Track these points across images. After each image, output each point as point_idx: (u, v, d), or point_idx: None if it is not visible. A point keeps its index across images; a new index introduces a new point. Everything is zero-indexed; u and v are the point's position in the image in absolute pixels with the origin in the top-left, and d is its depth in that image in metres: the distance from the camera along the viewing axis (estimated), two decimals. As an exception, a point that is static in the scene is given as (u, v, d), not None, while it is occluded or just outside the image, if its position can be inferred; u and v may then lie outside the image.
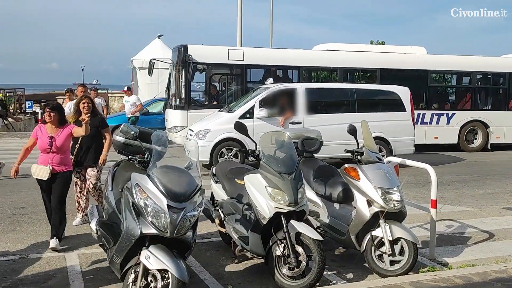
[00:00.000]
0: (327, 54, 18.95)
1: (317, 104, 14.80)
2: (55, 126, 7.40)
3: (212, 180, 7.37)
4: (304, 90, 14.22)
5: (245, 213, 6.39)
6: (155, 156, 5.36)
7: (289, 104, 14.14)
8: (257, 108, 13.74)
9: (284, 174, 5.86)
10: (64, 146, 7.39)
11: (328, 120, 13.97)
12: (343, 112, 14.64)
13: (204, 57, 16.90)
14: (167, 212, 4.85)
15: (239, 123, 7.01)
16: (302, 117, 14.06)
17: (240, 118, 13.60)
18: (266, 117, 13.65)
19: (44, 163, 7.28)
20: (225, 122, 13.81)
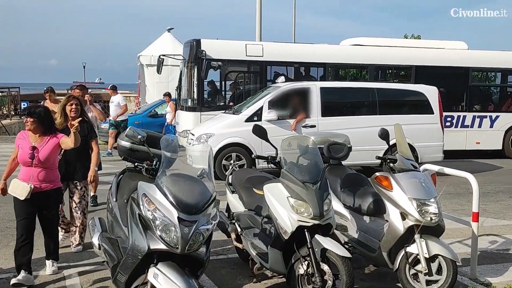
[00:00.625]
0: (356, 50, 18.91)
1: (334, 105, 14.79)
2: (39, 135, 6.77)
3: (227, 190, 7.37)
4: (319, 89, 14.18)
5: (264, 227, 6.38)
6: (164, 163, 5.36)
7: (302, 105, 14.11)
8: (266, 109, 13.74)
9: (308, 184, 5.84)
10: (49, 160, 6.72)
11: (346, 123, 13.85)
12: (363, 114, 14.61)
13: (219, 53, 16.95)
14: (178, 225, 4.84)
15: (258, 127, 7.01)
16: (316, 119, 14.02)
17: (247, 120, 13.61)
18: (276, 120, 13.61)
19: (25, 179, 6.63)
20: (229, 125, 13.83)
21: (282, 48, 18.33)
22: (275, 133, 12.93)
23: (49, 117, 6.91)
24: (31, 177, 6.61)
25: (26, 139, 6.76)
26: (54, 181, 6.84)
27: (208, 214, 5.09)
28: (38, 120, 6.69)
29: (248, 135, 13.32)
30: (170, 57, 19.66)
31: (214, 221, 5.15)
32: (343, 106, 15.09)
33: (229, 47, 17.53)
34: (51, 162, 6.76)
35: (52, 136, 6.81)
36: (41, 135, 6.76)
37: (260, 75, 17.77)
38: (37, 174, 6.64)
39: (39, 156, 6.62)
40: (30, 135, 6.78)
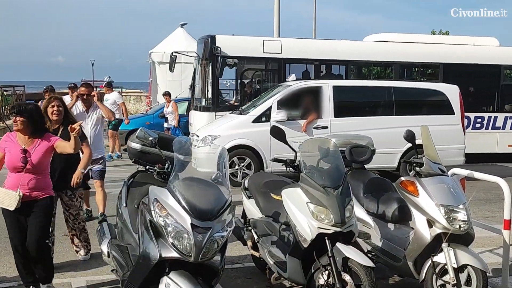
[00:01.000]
0: (380, 46, 18.85)
1: (347, 105, 14.76)
2: (28, 136, 6.39)
3: (243, 195, 7.39)
4: (332, 88, 14.14)
5: (282, 234, 6.39)
6: (177, 166, 5.37)
7: (313, 105, 14.08)
8: (275, 109, 13.70)
9: (329, 189, 5.84)
10: (42, 164, 6.37)
11: (360, 124, 13.74)
12: (378, 114, 14.58)
13: (234, 50, 16.96)
14: (191, 232, 4.85)
15: (276, 128, 7.02)
16: (328, 120, 13.98)
17: (255, 121, 13.62)
18: (285, 121, 13.50)
19: (13, 186, 6.26)
20: (236, 126, 13.83)
21: (301, 44, 18.30)
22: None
23: (41, 116, 6.59)
24: (20, 184, 6.25)
25: (15, 142, 6.37)
26: (46, 188, 6.47)
27: (223, 221, 5.10)
28: (29, 120, 6.32)
29: (255, 136, 13.33)
30: (183, 54, 19.70)
31: (229, 227, 5.16)
32: (357, 106, 15.05)
33: (245, 43, 17.54)
34: (43, 167, 6.42)
35: (44, 138, 6.46)
36: (31, 136, 6.39)
37: (278, 73, 17.75)
38: (28, 181, 6.28)
39: (32, 160, 6.27)
40: (19, 137, 6.40)
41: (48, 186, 6.50)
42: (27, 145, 6.32)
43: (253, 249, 7.04)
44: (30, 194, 6.29)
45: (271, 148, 13.20)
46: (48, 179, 6.52)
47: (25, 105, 6.42)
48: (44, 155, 6.37)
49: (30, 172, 6.28)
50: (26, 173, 6.27)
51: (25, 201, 6.25)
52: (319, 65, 18.44)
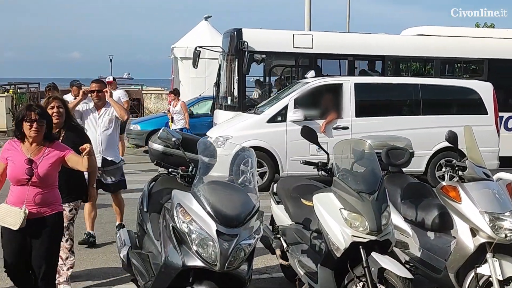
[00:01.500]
0: (419, 41, 18.73)
1: (370, 104, 14.75)
2: (36, 144, 5.89)
3: (272, 201, 7.40)
4: (353, 85, 14.05)
5: (313, 243, 6.39)
6: (201, 169, 5.41)
7: (333, 103, 14.04)
8: (291, 108, 13.65)
9: (364, 194, 5.83)
10: (50, 177, 5.88)
11: (384, 125, 13.61)
12: (404, 114, 14.49)
13: (263, 44, 16.96)
14: (217, 239, 4.90)
15: (307, 129, 7.02)
16: (349, 120, 13.90)
17: (270, 121, 13.57)
18: (302, 121, 13.41)
19: (17, 202, 5.74)
20: (249, 127, 13.83)
21: (334, 38, 18.27)
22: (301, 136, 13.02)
23: (48, 120, 6.05)
24: (25, 200, 5.71)
25: (19, 150, 5.87)
26: (54, 203, 5.96)
27: (250, 228, 5.13)
28: (47, 125, 5.93)
29: (270, 137, 13.28)
30: (207, 49, 19.74)
31: (257, 235, 5.19)
32: (381, 105, 14.99)
33: (274, 37, 17.54)
34: (52, 179, 5.92)
35: (53, 146, 5.97)
36: (40, 144, 5.90)
37: (309, 69, 17.70)
38: (34, 195, 5.76)
39: (38, 172, 5.75)
40: (23, 145, 5.90)
41: (57, 200, 5.99)
42: (33, 155, 5.81)
43: (282, 258, 7.05)
44: (36, 211, 5.76)
45: (287, 150, 13.19)
46: (56, 193, 6.01)
47: (40, 108, 5.96)
48: (53, 166, 5.87)
49: (36, 185, 5.76)
50: (32, 186, 5.74)
51: (30, 218, 5.69)
52: (353, 60, 18.38)
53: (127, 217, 10.12)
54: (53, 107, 7.08)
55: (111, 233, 9.28)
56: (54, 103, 7.14)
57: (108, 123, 9.23)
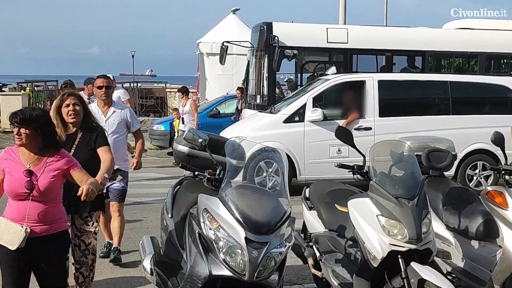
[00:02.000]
0: (463, 34, 18.65)
1: (395, 102, 14.66)
2: (35, 153, 5.49)
3: (304, 206, 7.41)
4: (377, 83, 13.94)
5: (348, 252, 6.38)
6: (229, 172, 5.43)
7: (354, 102, 13.98)
8: (310, 107, 13.54)
9: (403, 199, 5.82)
10: (52, 191, 5.46)
11: (410, 125, 13.52)
12: (431, 114, 14.36)
13: (294, 39, 16.97)
14: (245, 247, 4.90)
15: (343, 129, 7.02)
16: (372, 120, 13.78)
17: (286, 121, 13.48)
18: (321, 121, 13.40)
19: (17, 219, 5.35)
20: (264, 127, 13.77)
21: (371, 32, 18.23)
22: (320, 137, 12.85)
23: (51, 126, 5.68)
24: (26, 216, 5.32)
25: (17, 160, 5.48)
26: (58, 221, 5.56)
27: (281, 235, 5.13)
28: (37, 131, 5.40)
29: (287, 138, 13.20)
30: (235, 44, 19.80)
31: (288, 243, 5.19)
32: (407, 104, 14.85)
33: (306, 32, 17.54)
34: (54, 193, 5.51)
35: (56, 156, 5.54)
36: (38, 153, 5.48)
37: (344, 65, 17.68)
38: (34, 212, 5.35)
39: (39, 185, 5.35)
40: (22, 154, 5.50)
41: (60, 217, 5.59)
42: (32, 165, 5.42)
43: (314, 268, 7.05)
44: (38, 229, 5.37)
45: (305, 152, 13.14)
46: (61, 208, 5.62)
47: (31, 111, 5.45)
48: (56, 179, 5.46)
49: (37, 200, 5.36)
50: (33, 201, 5.34)
51: (31, 237, 5.30)
52: (391, 56, 18.34)
53: (150, 223, 10.22)
54: (68, 104, 6.65)
55: (133, 240, 9.35)
56: (70, 99, 6.68)
57: (117, 126, 8.65)
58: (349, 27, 18.36)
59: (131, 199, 11.68)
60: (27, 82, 33.12)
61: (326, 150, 13.03)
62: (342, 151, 13.01)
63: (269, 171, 12.92)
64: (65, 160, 5.56)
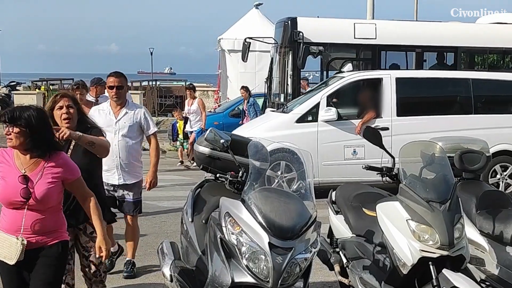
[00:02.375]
0: (497, 29, 18.56)
1: (413, 101, 14.61)
2: (31, 156, 5.18)
3: (330, 210, 7.40)
4: (394, 80, 13.84)
5: (377, 258, 6.37)
6: (252, 174, 5.43)
7: (371, 101, 13.86)
8: (324, 106, 13.41)
9: (434, 203, 5.80)
10: (50, 198, 5.18)
11: (429, 125, 13.42)
12: (453, 113, 14.16)
13: (320, 35, 16.95)
14: (269, 253, 4.91)
15: (371, 130, 7.01)
16: (389, 120, 13.64)
17: (299, 121, 13.33)
18: (336, 120, 13.31)
19: (11, 230, 5.10)
20: (275, 127, 13.65)
21: (400, 27, 18.18)
22: (334, 138, 12.78)
23: (45, 126, 5.25)
24: (22, 226, 5.07)
25: (11, 164, 5.18)
26: (57, 231, 5.31)
27: (306, 240, 5.14)
28: (29, 131, 5.06)
29: (299, 139, 13.03)
30: (258, 40, 19.81)
31: (313, 248, 5.19)
32: (426, 103, 14.75)
33: (333, 27, 17.53)
34: (53, 202, 5.23)
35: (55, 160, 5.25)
36: (35, 156, 5.17)
37: (372, 62, 17.66)
38: (32, 222, 5.10)
39: (36, 193, 5.07)
40: (17, 157, 5.20)
41: (60, 226, 5.34)
42: (29, 170, 5.13)
43: (341, 274, 7.04)
44: (35, 240, 5.13)
45: (318, 154, 13.07)
46: (60, 217, 5.37)
47: (22, 110, 5.10)
48: (55, 186, 5.20)
49: (35, 209, 5.10)
50: (29, 210, 5.08)
51: (28, 249, 5.06)
52: (422, 52, 18.27)
53: (170, 228, 10.25)
54: (61, 106, 6.21)
55: (152, 245, 9.38)
56: (63, 101, 6.22)
57: (129, 130, 8.18)
58: (378, 22, 18.33)
59: (150, 203, 11.70)
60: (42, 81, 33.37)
61: (341, 152, 12.98)
62: (358, 152, 12.99)
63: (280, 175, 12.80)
64: (65, 165, 5.28)
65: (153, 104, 31.85)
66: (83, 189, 5.45)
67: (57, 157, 5.24)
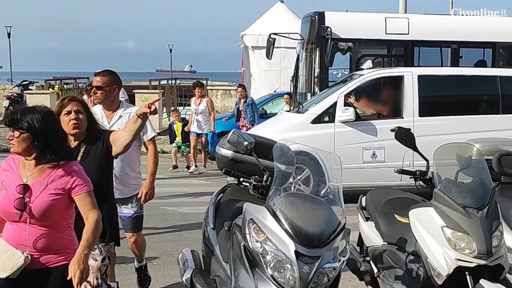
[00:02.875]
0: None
1: (436, 100, 14.52)
2: (36, 163, 4.86)
3: (360, 217, 7.39)
4: (416, 78, 13.68)
5: (410, 267, 6.36)
6: (277, 178, 5.43)
7: (391, 100, 13.80)
8: (341, 106, 13.24)
9: (471, 209, 5.78)
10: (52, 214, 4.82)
11: (453, 126, 13.34)
12: (478, 113, 14.00)
13: (349, 31, 16.94)
14: (295, 262, 4.90)
15: (404, 131, 6.98)
16: (411, 120, 13.41)
17: (315, 121, 13.14)
18: (354, 121, 13.14)
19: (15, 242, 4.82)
20: (289, 128, 13.45)
21: (434, 22, 18.12)
22: (352, 140, 12.69)
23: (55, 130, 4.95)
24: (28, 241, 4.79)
25: (15, 171, 4.93)
26: (65, 250, 4.93)
27: (335, 248, 5.13)
28: (32, 136, 4.75)
29: (315, 141, 12.90)
30: (283, 36, 19.81)
31: (342, 257, 5.19)
32: (450, 102, 14.67)
33: (362, 22, 17.49)
34: (55, 217, 4.87)
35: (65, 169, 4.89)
36: (40, 163, 4.86)
37: (404, 59, 17.61)
38: (34, 238, 4.80)
39: (33, 204, 4.75)
40: (22, 164, 4.93)
41: (69, 246, 4.94)
42: (32, 179, 4.84)
43: (372, 285, 7.03)
44: (38, 258, 4.82)
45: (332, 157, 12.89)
46: (69, 235, 5.01)
47: (24, 112, 4.83)
48: (59, 199, 4.83)
49: (35, 223, 4.79)
50: (31, 225, 4.78)
51: (29, 268, 4.78)
52: (458, 48, 18.17)
53: (191, 235, 10.27)
54: (69, 111, 5.93)
55: (172, 253, 9.41)
56: (71, 106, 5.95)
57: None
58: (411, 16, 18.29)
59: (169, 208, 11.73)
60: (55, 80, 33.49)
61: (359, 154, 12.86)
62: (377, 155, 12.89)
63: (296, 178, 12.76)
64: (76, 176, 4.87)
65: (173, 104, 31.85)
66: (91, 205, 4.93)
67: (67, 166, 4.87)
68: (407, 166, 6.36)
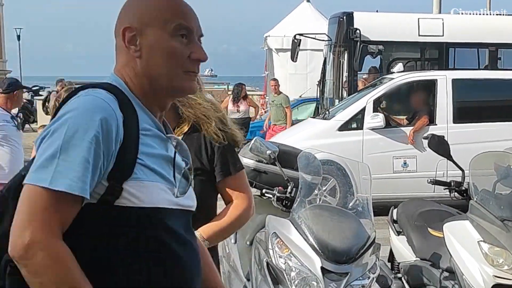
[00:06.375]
0: None
1: (473, 106, 14.41)
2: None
3: (391, 230, 7.38)
4: (451, 82, 13.53)
5: (444, 285, 6.34)
6: (303, 190, 5.43)
7: (424, 106, 13.60)
8: (370, 112, 13.07)
9: (510, 222, 5.76)
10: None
11: (492, 134, 13.04)
12: None
13: (379, 32, 16.91)
14: (322, 279, 4.90)
15: (437, 138, 6.97)
16: (445, 127, 13.25)
17: (341, 128, 12.97)
18: (384, 128, 12.98)
19: None
20: (315, 136, 13.27)
21: (471, 22, 18.09)
22: (382, 148, 12.62)
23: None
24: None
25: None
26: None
27: (363, 264, 5.13)
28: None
29: (342, 149, 12.75)
30: (309, 37, 19.81)
31: (372, 274, 5.18)
32: (487, 108, 14.53)
33: (394, 23, 17.46)
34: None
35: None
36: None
37: (439, 63, 17.55)
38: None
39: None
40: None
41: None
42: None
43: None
44: None
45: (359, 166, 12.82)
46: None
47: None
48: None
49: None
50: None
51: None
52: (496, 50, 18.08)
53: (210, 250, 10.22)
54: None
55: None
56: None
57: None
58: (445, 16, 18.27)
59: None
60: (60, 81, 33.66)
61: (390, 163, 12.75)
62: (409, 164, 12.76)
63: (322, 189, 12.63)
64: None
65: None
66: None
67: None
68: (440, 176, 6.31)
